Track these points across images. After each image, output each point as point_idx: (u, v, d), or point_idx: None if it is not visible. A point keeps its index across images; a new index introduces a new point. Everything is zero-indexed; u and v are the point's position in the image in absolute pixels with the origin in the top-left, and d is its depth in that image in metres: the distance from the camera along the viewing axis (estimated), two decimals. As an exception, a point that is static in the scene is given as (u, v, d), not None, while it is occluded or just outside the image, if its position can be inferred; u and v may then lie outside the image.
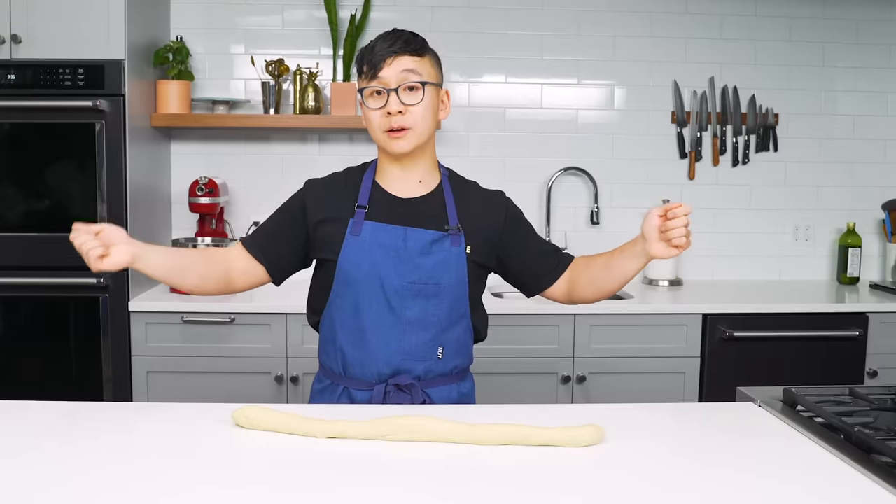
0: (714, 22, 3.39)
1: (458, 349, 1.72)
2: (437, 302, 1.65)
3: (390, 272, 1.63)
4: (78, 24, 2.72)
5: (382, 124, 1.62)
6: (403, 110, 1.61)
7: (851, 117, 3.47)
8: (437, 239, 1.65)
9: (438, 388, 1.69)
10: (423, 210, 1.68)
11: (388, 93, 1.61)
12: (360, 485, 1.22)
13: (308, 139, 3.34)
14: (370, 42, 1.66)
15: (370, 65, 1.61)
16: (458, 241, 1.67)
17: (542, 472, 1.29)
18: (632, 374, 2.86)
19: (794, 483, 1.26)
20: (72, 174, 2.77)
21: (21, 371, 2.79)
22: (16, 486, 1.20)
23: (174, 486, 1.22)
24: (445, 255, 1.65)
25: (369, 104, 1.63)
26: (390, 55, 1.60)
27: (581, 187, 3.42)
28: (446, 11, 3.32)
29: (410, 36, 1.65)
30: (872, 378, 2.91)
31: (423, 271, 1.64)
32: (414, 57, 1.62)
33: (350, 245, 1.64)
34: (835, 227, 3.50)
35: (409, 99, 1.62)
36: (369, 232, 1.64)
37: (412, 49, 1.62)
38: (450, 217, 1.68)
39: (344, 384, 1.69)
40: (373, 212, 1.66)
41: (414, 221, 1.66)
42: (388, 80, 1.60)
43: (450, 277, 1.65)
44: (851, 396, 1.66)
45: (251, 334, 2.76)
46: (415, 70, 1.61)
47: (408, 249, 1.63)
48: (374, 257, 1.63)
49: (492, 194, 1.79)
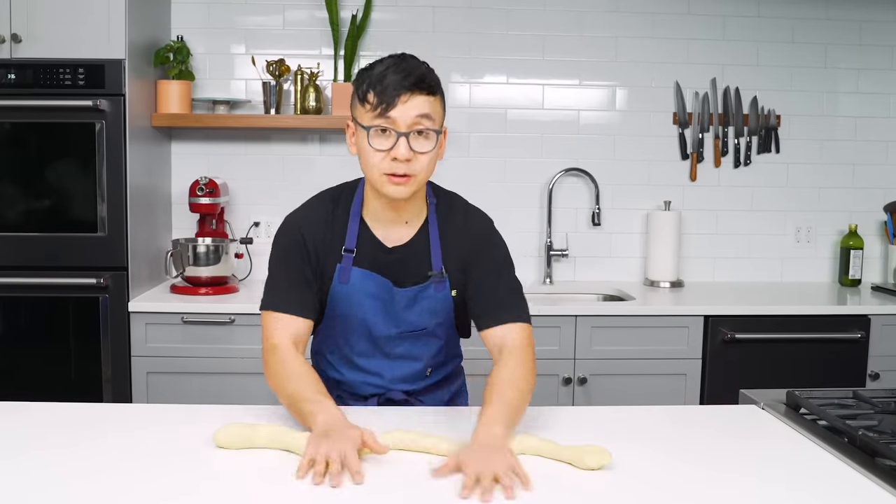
0: (716, 23, 3.38)
1: (446, 363, 1.74)
2: (426, 340, 1.66)
3: (378, 321, 1.61)
4: (78, 23, 2.71)
5: (384, 167, 1.47)
6: (412, 157, 1.47)
7: (854, 119, 3.46)
8: (421, 291, 1.61)
9: (430, 394, 1.72)
10: (409, 259, 1.60)
11: (397, 136, 1.46)
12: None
13: (309, 139, 3.33)
14: (378, 67, 1.49)
15: (380, 98, 1.45)
16: (443, 286, 1.61)
17: (543, 473, 1.28)
18: (633, 375, 2.85)
19: (799, 487, 1.25)
20: (72, 174, 2.76)
21: (21, 371, 2.78)
22: (14, 487, 1.19)
23: (174, 489, 1.21)
24: (431, 301, 1.62)
25: (373, 143, 1.47)
26: (404, 92, 1.44)
27: (582, 188, 3.41)
28: (447, 12, 3.31)
29: (426, 70, 1.49)
30: (874, 381, 2.90)
31: (410, 321, 1.62)
32: (428, 97, 1.47)
33: (338, 293, 1.59)
34: (836, 228, 3.49)
35: (420, 146, 1.47)
36: (358, 280, 1.58)
37: (427, 87, 1.47)
38: (433, 262, 1.60)
39: (337, 392, 1.69)
40: (360, 257, 1.58)
41: (399, 274, 1.59)
42: (399, 122, 1.45)
43: (437, 320, 1.64)
44: (855, 399, 1.65)
45: (251, 335, 2.75)
46: (429, 114, 1.47)
47: (394, 303, 1.60)
48: (363, 306, 1.60)
49: (474, 221, 1.65)
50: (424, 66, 1.50)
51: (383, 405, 1.67)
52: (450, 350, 1.74)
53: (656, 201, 3.39)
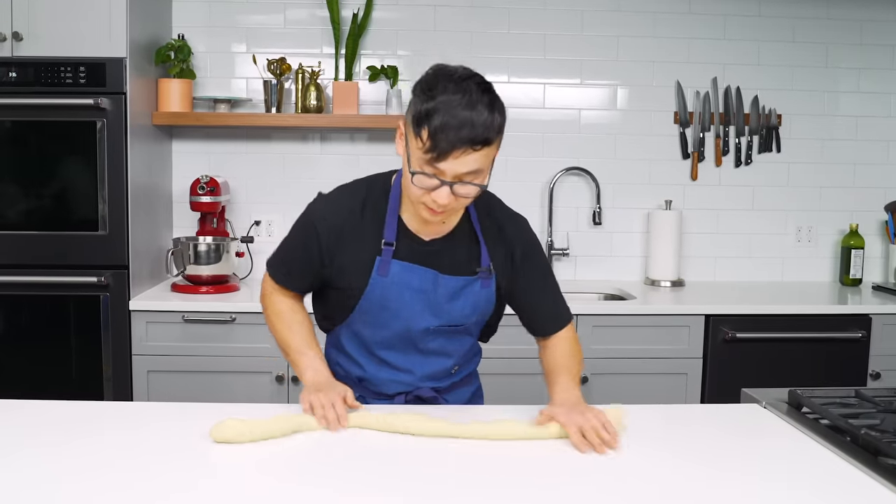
0: (717, 22, 3.38)
1: (469, 360, 1.76)
2: (460, 338, 1.66)
3: (417, 316, 1.58)
4: (79, 21, 2.71)
5: (424, 199, 1.44)
6: (453, 202, 1.44)
7: (854, 118, 3.46)
8: (467, 283, 1.59)
9: (454, 392, 1.73)
10: (449, 251, 1.59)
11: (441, 182, 1.40)
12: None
13: (309, 138, 3.33)
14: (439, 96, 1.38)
15: (434, 144, 1.37)
16: (489, 283, 1.61)
17: (542, 473, 1.28)
18: (634, 374, 2.85)
19: (801, 486, 1.25)
20: (73, 172, 2.76)
21: (21, 369, 2.78)
22: (7, 485, 1.19)
23: (171, 486, 1.21)
24: (475, 297, 1.61)
25: (416, 181, 1.41)
26: (459, 147, 1.36)
27: (583, 187, 3.41)
28: (449, 11, 3.31)
29: (488, 119, 1.38)
30: (875, 380, 2.90)
31: (452, 315, 1.60)
32: (483, 150, 1.39)
33: (377, 285, 1.55)
34: (837, 228, 3.49)
35: (463, 192, 1.43)
36: (398, 273, 1.55)
37: (484, 141, 1.38)
38: (483, 258, 1.60)
39: (358, 391, 1.67)
40: (400, 250, 1.56)
41: (441, 264, 1.57)
42: (448, 173, 1.39)
43: (476, 317, 1.64)
44: (857, 398, 1.65)
45: (252, 334, 2.75)
46: (479, 170, 1.41)
47: (437, 294, 1.57)
48: (403, 299, 1.56)
49: (511, 223, 1.67)
50: (489, 113, 1.39)
51: (412, 403, 1.66)
52: (475, 347, 1.75)
53: (657, 200, 3.39)
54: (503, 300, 1.70)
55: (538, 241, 1.73)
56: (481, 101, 1.39)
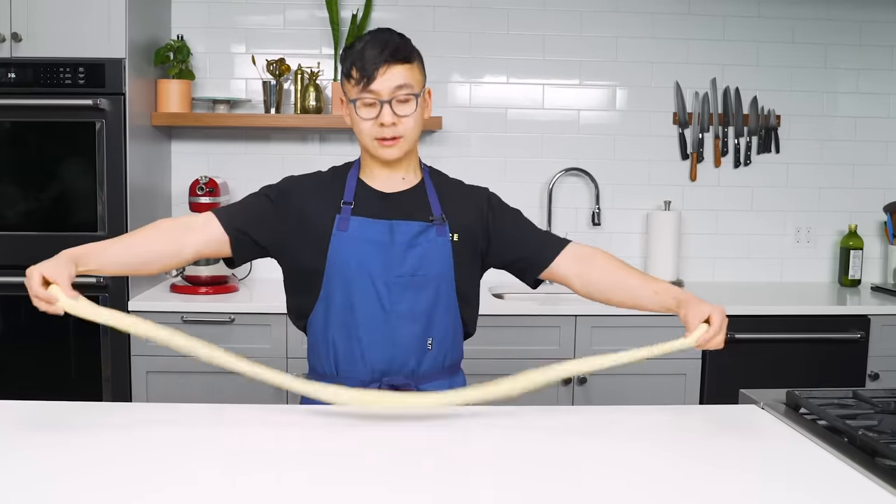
0: (716, 23, 3.38)
1: (448, 342, 1.74)
2: (426, 293, 1.68)
3: (379, 266, 1.65)
4: (78, 22, 2.71)
5: (374, 132, 1.63)
6: (396, 121, 1.62)
7: (853, 119, 3.46)
8: (422, 230, 1.68)
9: (432, 383, 1.71)
10: (408, 203, 1.70)
11: (380, 104, 1.61)
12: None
13: (309, 139, 3.33)
14: (358, 44, 1.64)
15: (361, 73, 1.61)
16: (443, 230, 1.70)
17: (542, 473, 1.29)
18: (633, 375, 2.85)
19: (799, 487, 1.25)
20: (72, 173, 2.76)
21: (20, 370, 2.78)
22: (4, 484, 1.19)
23: (166, 481, 1.21)
24: (431, 244, 1.68)
25: (361, 114, 1.64)
26: (382, 64, 1.60)
27: (582, 188, 3.41)
28: (448, 11, 3.31)
29: (399, 41, 1.64)
30: (874, 381, 2.90)
31: (411, 263, 1.66)
32: (404, 66, 1.62)
33: (338, 241, 1.66)
34: (836, 229, 3.49)
35: (402, 110, 1.63)
36: (356, 228, 1.66)
37: (402, 57, 1.62)
38: (433, 208, 1.71)
39: (336, 384, 1.69)
40: (358, 207, 1.68)
41: (399, 214, 1.68)
42: (381, 92, 1.61)
43: (437, 268, 1.68)
44: (855, 399, 1.65)
45: (251, 334, 2.75)
46: (406, 83, 1.62)
47: (395, 243, 1.66)
48: (362, 252, 1.65)
49: (474, 189, 1.82)
50: (399, 37, 1.65)
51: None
52: (451, 326, 1.73)
53: (656, 201, 3.39)
54: (476, 267, 1.77)
55: (503, 201, 1.83)
56: (388, 32, 1.66)
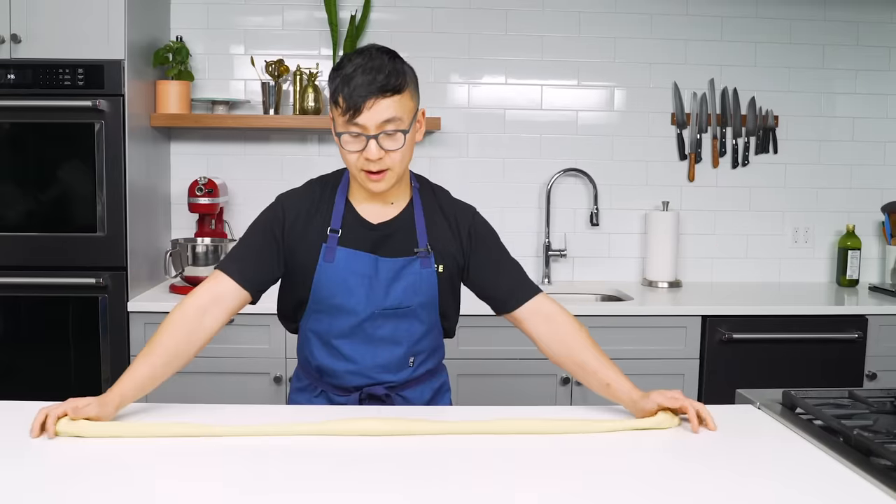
0: (714, 23, 3.39)
1: (429, 355, 1.75)
2: (409, 322, 1.68)
3: (362, 299, 1.64)
4: (78, 23, 2.71)
5: (360, 164, 1.56)
6: (383, 156, 1.54)
7: (851, 119, 3.47)
8: (407, 263, 1.65)
9: (412, 389, 1.73)
10: (394, 234, 1.66)
11: (366, 138, 1.53)
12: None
13: (308, 139, 3.34)
14: (347, 67, 1.53)
15: (348, 104, 1.51)
16: (429, 262, 1.66)
17: (542, 472, 1.29)
18: (631, 375, 2.79)
19: (793, 486, 1.26)
20: (71, 174, 2.77)
21: (20, 371, 2.78)
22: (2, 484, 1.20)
23: (167, 480, 1.21)
24: (416, 277, 1.66)
25: (346, 146, 1.55)
26: (370, 97, 1.50)
27: (581, 189, 3.41)
28: (446, 12, 3.31)
29: (391, 67, 1.53)
30: (872, 380, 2.91)
31: (395, 296, 1.65)
32: (394, 97, 1.52)
33: (324, 271, 1.63)
34: (834, 229, 3.50)
35: (389, 145, 1.54)
36: (343, 259, 1.63)
37: (392, 88, 1.51)
38: (419, 239, 1.67)
39: (321, 387, 1.72)
40: (345, 236, 1.65)
41: (384, 248, 1.65)
42: (368, 127, 1.52)
43: (420, 299, 1.67)
44: (851, 399, 1.66)
45: (250, 335, 2.75)
46: (394, 117, 1.52)
47: (379, 278, 1.64)
48: (347, 284, 1.63)
49: (459, 211, 1.74)
50: (391, 64, 1.54)
51: (365, 401, 1.68)
52: (433, 341, 1.75)
53: (654, 202, 3.39)
54: (457, 287, 1.75)
55: (490, 226, 1.77)
56: (381, 57, 1.54)
